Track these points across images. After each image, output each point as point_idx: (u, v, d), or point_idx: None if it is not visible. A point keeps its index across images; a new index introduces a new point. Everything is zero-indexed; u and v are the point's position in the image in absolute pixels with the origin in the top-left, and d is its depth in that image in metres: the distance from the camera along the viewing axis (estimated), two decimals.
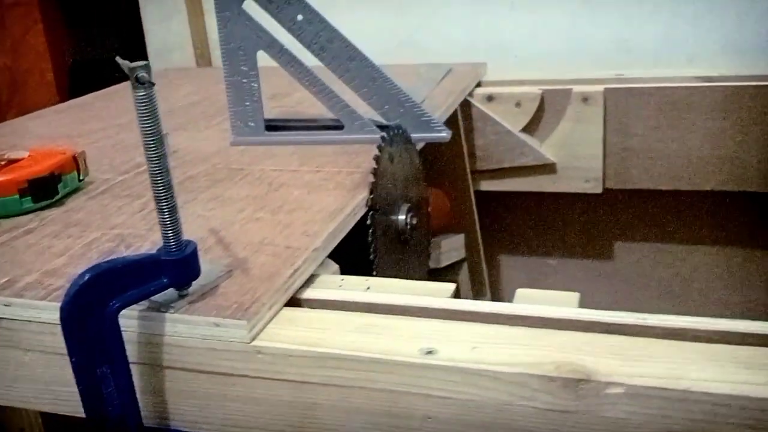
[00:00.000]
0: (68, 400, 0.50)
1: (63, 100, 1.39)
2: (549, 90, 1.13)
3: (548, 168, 1.15)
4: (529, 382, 0.40)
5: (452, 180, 1.16)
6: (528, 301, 0.49)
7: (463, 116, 1.13)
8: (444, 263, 1.02)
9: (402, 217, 0.74)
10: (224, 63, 0.83)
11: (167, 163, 0.44)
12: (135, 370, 0.48)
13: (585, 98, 1.09)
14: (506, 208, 1.32)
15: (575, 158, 1.13)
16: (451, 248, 1.05)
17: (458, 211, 1.17)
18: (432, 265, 1.01)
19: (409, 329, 0.46)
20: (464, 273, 1.11)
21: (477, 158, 1.18)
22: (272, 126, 0.87)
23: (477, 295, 1.23)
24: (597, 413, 0.39)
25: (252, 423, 0.47)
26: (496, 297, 1.35)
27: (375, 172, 0.68)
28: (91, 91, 1.28)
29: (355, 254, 0.67)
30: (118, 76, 1.37)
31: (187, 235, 0.59)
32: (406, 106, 0.82)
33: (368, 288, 0.53)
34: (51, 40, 1.77)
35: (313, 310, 0.50)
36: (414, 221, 0.75)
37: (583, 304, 0.47)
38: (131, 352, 0.47)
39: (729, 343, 0.41)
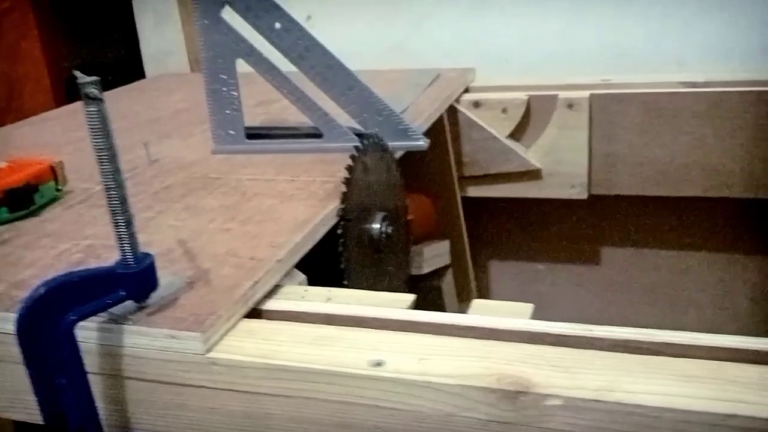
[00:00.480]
0: (37, 409, 0.51)
1: (60, 106, 1.39)
2: (535, 96, 1.14)
3: (534, 174, 1.15)
4: (470, 394, 0.41)
5: (439, 186, 1.16)
6: (483, 311, 0.50)
7: (450, 122, 1.14)
8: (426, 270, 1.02)
9: (377, 225, 0.75)
10: (204, 72, 0.84)
11: (121, 178, 0.45)
12: (96, 381, 0.49)
13: (570, 104, 1.10)
14: (495, 213, 1.33)
15: (561, 164, 1.13)
16: (434, 255, 1.06)
17: (445, 217, 1.18)
18: (414, 271, 1.01)
19: (361, 341, 0.47)
20: (449, 279, 1.11)
21: (464, 164, 1.18)
22: (253, 134, 0.88)
23: (463, 299, 1.24)
24: (537, 425, 0.40)
25: None
26: None
27: (347, 182, 0.69)
28: None
29: (327, 263, 0.67)
30: (111, 81, 1.38)
31: (156, 246, 0.60)
32: (384, 115, 0.82)
33: (329, 299, 0.54)
34: (47, 47, 1.78)
35: (271, 321, 0.50)
36: (389, 230, 0.76)
37: (536, 315, 0.48)
38: (92, 362, 0.48)
39: (670, 355, 0.42)
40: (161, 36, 1.52)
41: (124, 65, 1.75)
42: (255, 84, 0.85)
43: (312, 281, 0.65)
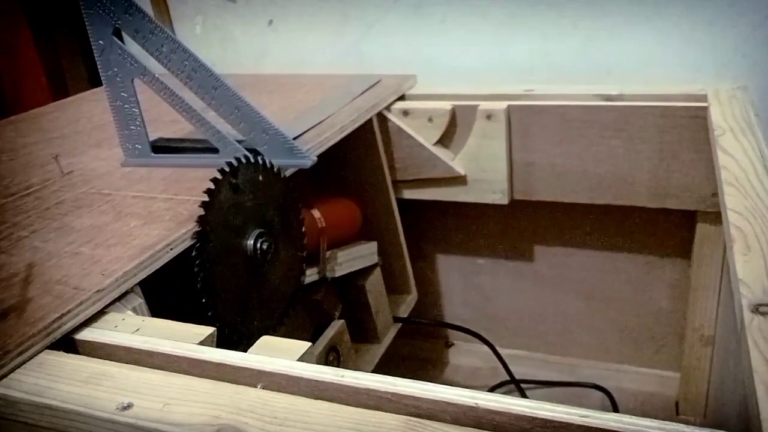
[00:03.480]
0: None
1: (56, 100, 1.38)
2: (459, 106, 1.12)
3: (460, 180, 1.13)
4: None
5: (373, 189, 1.15)
6: (265, 350, 0.49)
7: (381, 130, 1.13)
8: (339, 273, 1.01)
9: (250, 242, 0.74)
10: (106, 89, 0.84)
11: None
12: None
13: (489, 115, 1.08)
14: (437, 212, 1.31)
15: (483, 171, 1.11)
16: (354, 257, 1.05)
17: (380, 220, 1.17)
18: (328, 275, 1.01)
19: (129, 381, 0.46)
20: (375, 277, 1.10)
21: (396, 169, 1.17)
22: (161, 147, 0.88)
23: (401, 293, 1.24)
24: None
25: None
26: (425, 294, 1.35)
27: (205, 205, 0.68)
28: None
29: (188, 284, 0.67)
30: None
31: (6, 270, 0.60)
32: (270, 134, 0.81)
33: (138, 329, 0.53)
34: (40, 45, 1.79)
35: (65, 355, 0.50)
36: (265, 246, 0.75)
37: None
38: None
39: (399, 406, 0.41)
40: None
41: None
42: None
43: (175, 301, 0.65)
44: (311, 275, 0.98)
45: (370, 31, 1.29)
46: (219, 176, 0.70)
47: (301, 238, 0.85)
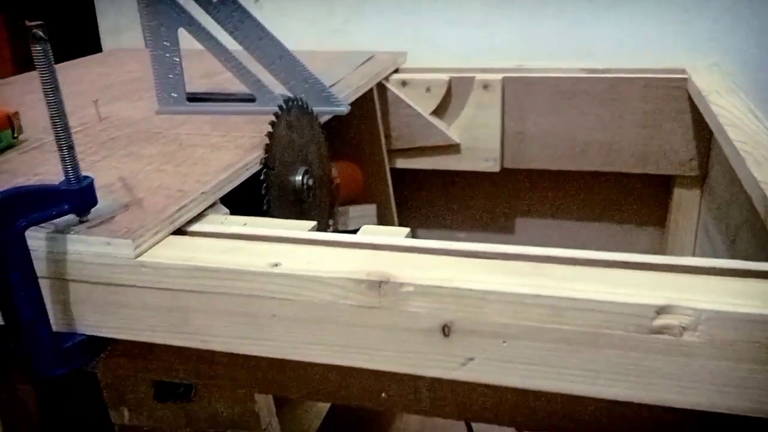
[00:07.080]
0: None
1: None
2: (455, 77, 1.24)
3: (453, 148, 1.25)
4: (345, 285, 0.50)
5: (370, 157, 1.26)
6: (369, 233, 0.59)
7: (379, 100, 1.23)
8: (352, 227, 1.11)
9: (299, 178, 0.84)
10: (148, 39, 0.92)
11: (64, 108, 0.53)
12: (44, 284, 0.57)
13: (485, 85, 1.20)
14: (421, 185, 1.42)
15: (477, 140, 1.24)
16: (361, 215, 1.15)
17: (375, 186, 1.27)
18: (341, 227, 1.11)
19: (264, 250, 0.56)
20: None
21: (392, 138, 1.28)
22: (194, 98, 0.96)
23: None
24: (396, 308, 0.49)
25: (141, 325, 0.57)
26: None
27: (270, 135, 0.78)
28: None
29: (253, 207, 0.76)
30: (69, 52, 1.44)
31: (99, 181, 0.68)
32: (309, 82, 0.91)
33: (245, 224, 0.62)
34: (7, 16, 1.83)
35: (194, 237, 0.59)
36: (310, 182, 0.85)
37: (410, 236, 0.58)
38: (41, 268, 0.56)
39: (504, 259, 0.52)
40: (118, 11, 1.58)
41: (82, 39, 1.80)
42: (200, 59, 0.93)
43: None
44: None
45: (359, 10, 1.39)
46: (279, 112, 0.79)
47: (330, 184, 0.95)
